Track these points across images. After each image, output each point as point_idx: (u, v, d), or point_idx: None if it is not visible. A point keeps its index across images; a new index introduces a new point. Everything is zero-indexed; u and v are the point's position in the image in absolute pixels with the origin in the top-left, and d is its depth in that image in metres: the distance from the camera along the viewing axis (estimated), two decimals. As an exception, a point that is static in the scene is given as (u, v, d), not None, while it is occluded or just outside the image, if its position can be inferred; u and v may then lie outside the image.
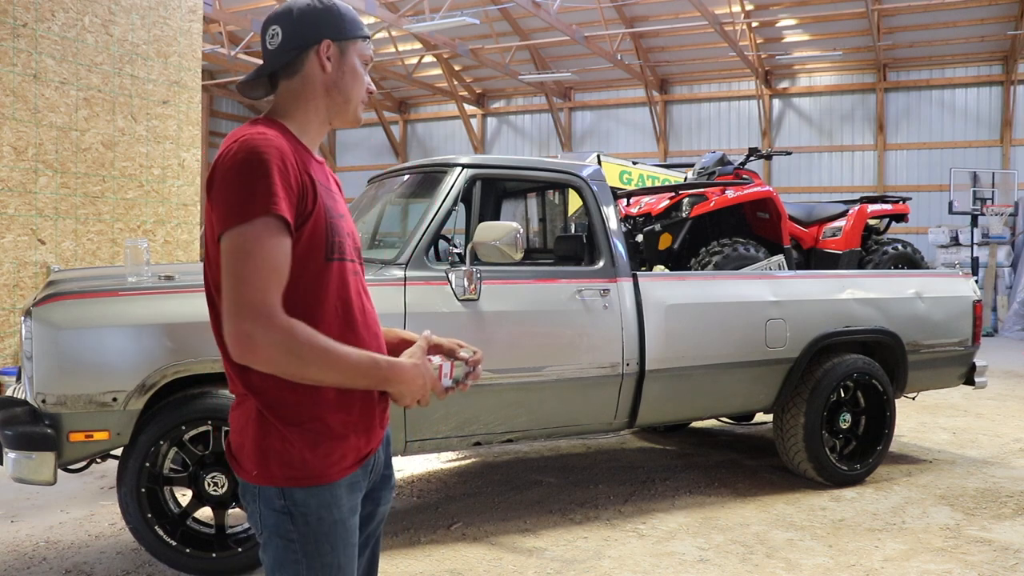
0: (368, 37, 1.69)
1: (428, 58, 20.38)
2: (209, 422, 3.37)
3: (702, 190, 5.82)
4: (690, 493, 4.67)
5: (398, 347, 1.75)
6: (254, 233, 1.43)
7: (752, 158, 6.37)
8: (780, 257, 5.66)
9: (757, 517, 4.25)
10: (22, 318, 3.31)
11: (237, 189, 1.45)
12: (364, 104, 1.71)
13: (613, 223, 4.26)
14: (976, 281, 7.26)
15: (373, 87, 1.71)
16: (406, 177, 4.48)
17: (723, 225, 5.98)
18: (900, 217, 6.71)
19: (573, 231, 6.37)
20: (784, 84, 19.45)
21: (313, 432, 1.53)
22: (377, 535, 1.80)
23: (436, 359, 1.66)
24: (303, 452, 1.52)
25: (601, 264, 4.16)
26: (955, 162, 16.89)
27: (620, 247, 4.23)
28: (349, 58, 1.64)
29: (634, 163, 11.46)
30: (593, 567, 3.57)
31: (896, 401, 5.04)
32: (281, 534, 1.53)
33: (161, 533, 3.32)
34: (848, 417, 4.84)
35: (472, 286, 3.74)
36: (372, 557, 1.79)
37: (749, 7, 16.86)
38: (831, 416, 4.80)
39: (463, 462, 5.37)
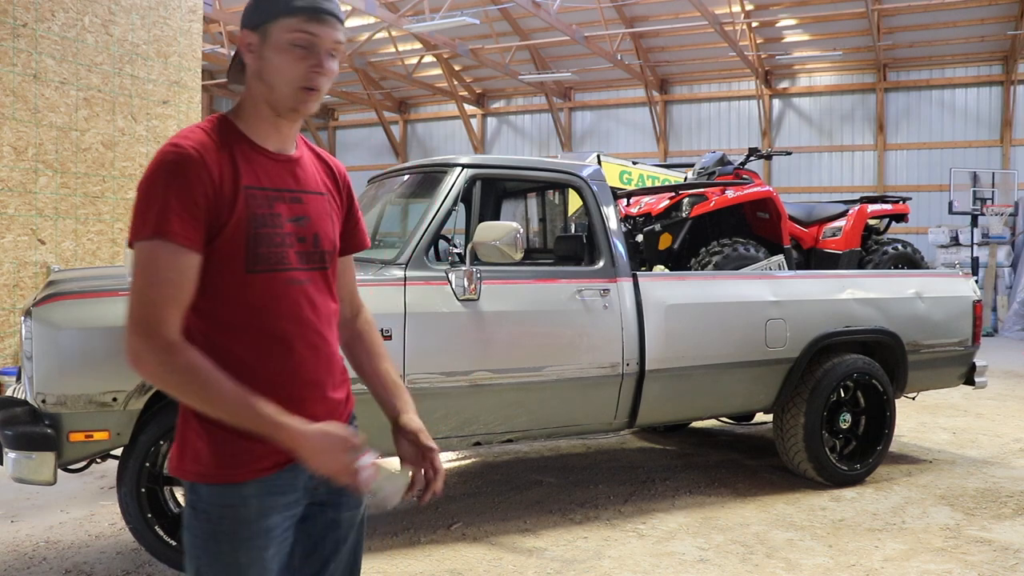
0: (296, 11, 1.50)
1: (428, 58, 20.38)
2: (209, 422, 3.37)
3: (702, 190, 5.82)
4: (690, 493, 4.67)
5: (383, 400, 1.75)
6: (150, 251, 1.44)
7: (752, 158, 6.37)
8: (780, 257, 5.66)
9: (757, 517, 4.25)
10: (22, 318, 3.31)
11: (139, 203, 1.45)
12: (306, 90, 1.52)
13: (613, 223, 4.26)
14: (976, 281, 7.26)
15: (326, 65, 1.52)
16: (406, 177, 4.47)
17: (723, 225, 5.98)
18: (900, 217, 6.71)
19: (573, 231, 6.37)
20: (784, 84, 19.45)
21: (226, 431, 1.50)
22: (351, 542, 1.71)
23: (367, 458, 1.48)
24: (212, 449, 1.51)
25: (601, 264, 4.16)
26: (955, 162, 16.89)
27: (620, 247, 4.23)
28: (272, 42, 1.51)
29: (634, 163, 11.46)
30: (593, 567, 3.57)
31: (896, 401, 5.04)
32: (188, 527, 1.54)
33: (161, 533, 3.32)
34: (848, 417, 4.84)
35: (472, 286, 3.74)
36: (352, 564, 1.72)
37: (749, 7, 16.86)
38: (831, 416, 4.80)
39: (463, 462, 5.37)
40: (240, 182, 1.50)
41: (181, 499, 3.46)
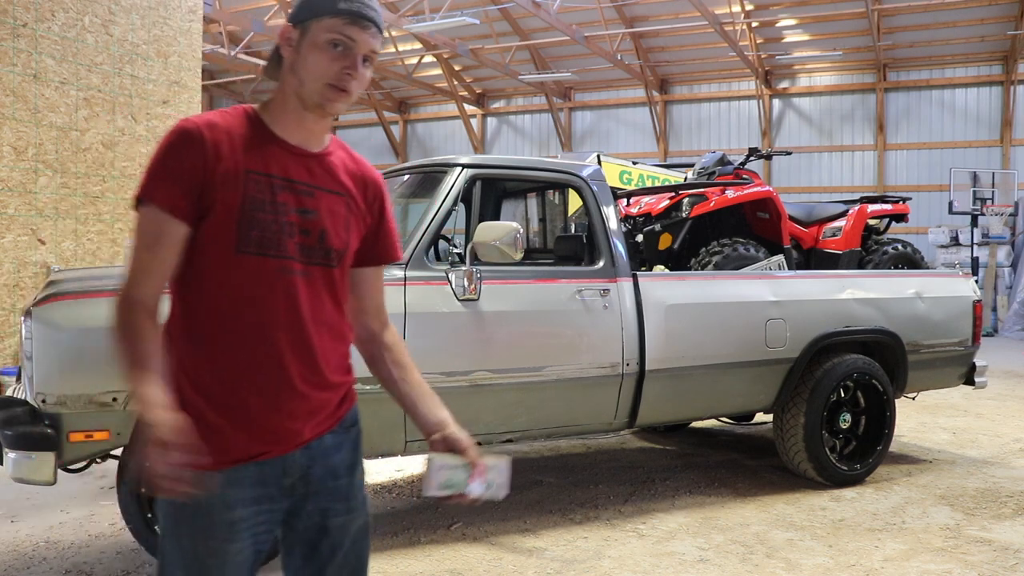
0: (339, 13, 1.53)
1: (428, 58, 20.38)
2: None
3: (702, 190, 5.82)
4: (690, 493, 4.67)
5: (425, 424, 1.75)
6: (141, 215, 1.51)
7: (752, 158, 6.37)
8: (780, 257, 5.66)
9: (757, 517, 4.25)
10: (22, 318, 3.30)
11: (145, 168, 1.53)
12: (334, 89, 1.55)
13: (613, 223, 4.26)
14: (976, 281, 7.26)
15: (359, 69, 1.56)
16: (406, 177, 4.47)
17: (723, 225, 5.97)
18: (900, 217, 6.71)
19: (573, 231, 6.37)
20: (784, 84, 19.45)
21: (188, 416, 1.49)
22: (350, 551, 1.68)
23: (448, 459, 1.56)
24: None
25: (601, 264, 4.16)
26: (955, 162, 16.89)
27: (620, 247, 4.23)
28: (310, 38, 1.54)
29: (634, 163, 11.47)
30: (593, 567, 3.57)
31: (896, 401, 5.04)
32: (158, 508, 1.60)
33: (161, 533, 3.31)
34: (848, 417, 4.84)
35: (472, 286, 3.74)
36: (356, 573, 1.70)
37: (749, 7, 16.86)
38: (831, 416, 4.79)
39: (463, 462, 5.36)
40: (242, 166, 1.52)
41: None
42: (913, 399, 5.82)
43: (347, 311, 1.68)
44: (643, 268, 5.79)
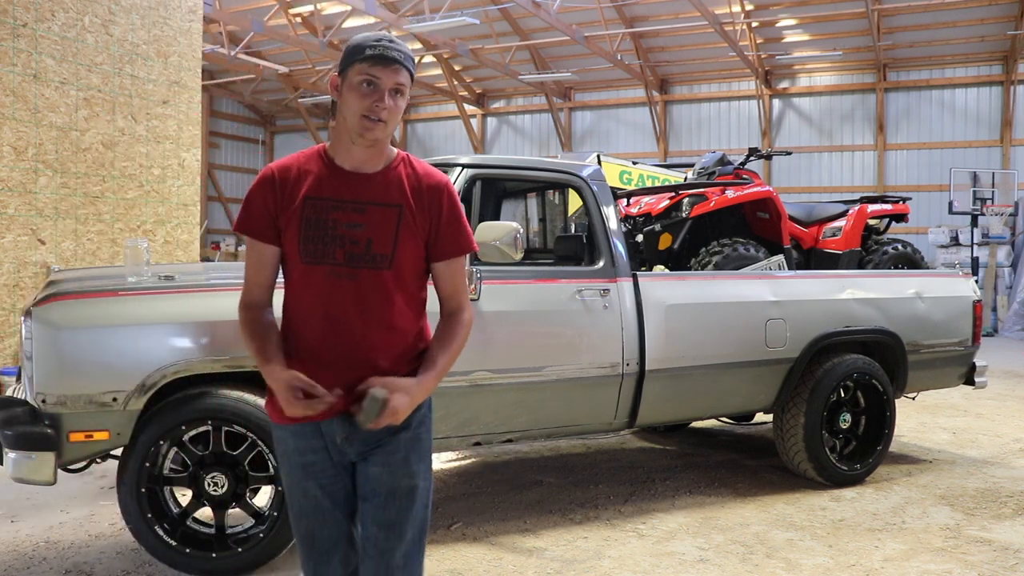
0: (365, 58, 1.89)
1: (428, 58, 20.38)
2: (209, 422, 3.36)
3: (702, 190, 5.82)
4: (690, 493, 4.67)
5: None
6: (247, 241, 2.02)
7: (752, 158, 6.37)
8: (780, 257, 5.66)
9: (757, 517, 4.25)
10: (22, 318, 3.31)
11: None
12: (368, 119, 1.89)
13: (613, 223, 4.25)
14: (976, 281, 7.25)
15: (387, 101, 1.89)
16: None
17: (723, 225, 5.97)
18: (900, 217, 6.71)
19: (573, 231, 6.37)
20: (784, 84, 19.45)
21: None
22: (384, 499, 1.97)
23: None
24: (271, 398, 2.00)
25: (601, 264, 4.15)
26: (955, 162, 16.88)
27: (620, 247, 4.23)
28: (347, 82, 1.92)
29: (634, 163, 11.47)
30: (593, 567, 3.57)
31: (896, 401, 5.04)
32: None
33: (161, 533, 3.31)
34: (848, 417, 4.84)
35: (472, 286, 3.74)
36: (389, 520, 1.98)
37: (749, 7, 16.86)
38: (831, 416, 4.79)
39: (463, 462, 5.37)
40: (302, 194, 1.95)
41: (181, 499, 3.47)
42: (913, 399, 5.81)
43: (408, 306, 1.99)
44: (643, 268, 5.79)
